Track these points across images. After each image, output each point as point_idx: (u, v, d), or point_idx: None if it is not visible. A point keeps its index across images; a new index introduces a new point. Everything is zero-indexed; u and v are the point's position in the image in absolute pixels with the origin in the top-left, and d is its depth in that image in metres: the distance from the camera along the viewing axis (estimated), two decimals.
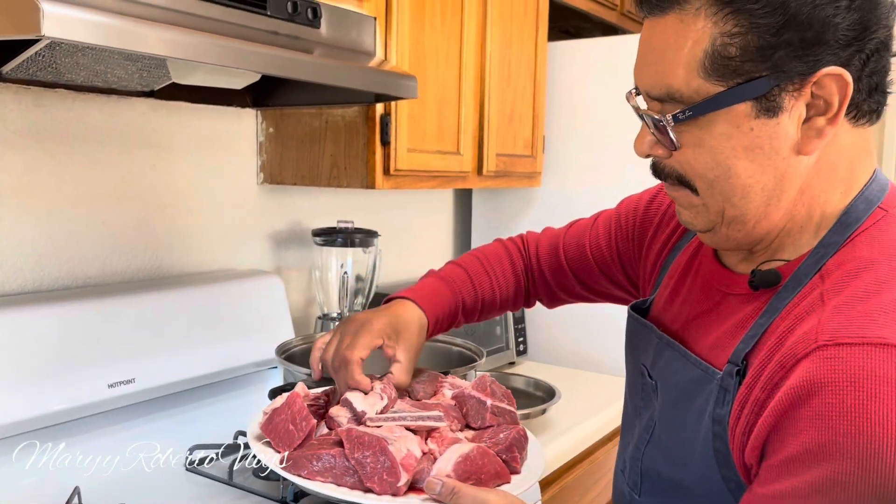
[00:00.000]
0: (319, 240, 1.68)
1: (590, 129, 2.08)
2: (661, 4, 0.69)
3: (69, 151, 1.34)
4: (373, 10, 1.46)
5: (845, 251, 0.68)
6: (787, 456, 0.63)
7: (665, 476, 0.80)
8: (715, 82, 0.67)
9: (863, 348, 0.60)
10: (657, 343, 0.85)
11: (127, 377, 1.29)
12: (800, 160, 0.69)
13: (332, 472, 0.82)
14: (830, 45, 0.64)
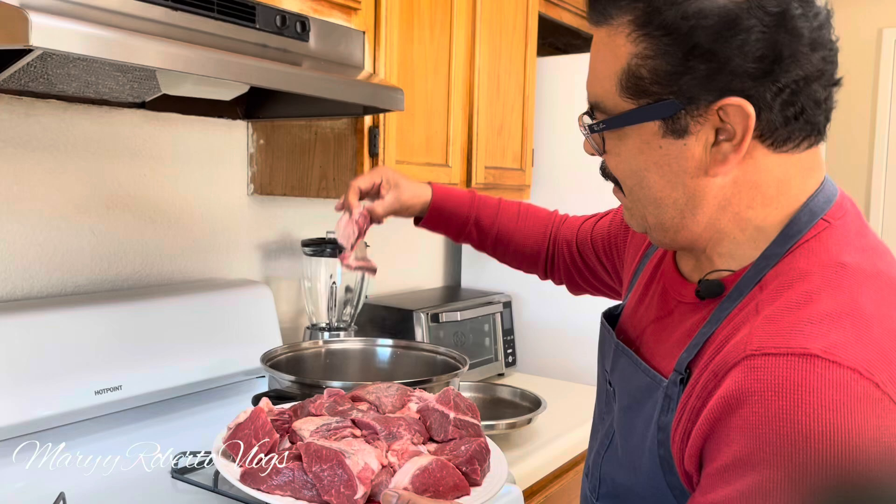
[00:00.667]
0: (309, 250, 1.70)
1: (578, 144, 2.10)
2: (597, 17, 0.73)
3: (60, 161, 1.35)
4: (361, 24, 1.48)
5: (784, 262, 0.69)
6: (721, 465, 0.64)
7: (619, 482, 0.82)
8: (628, 99, 0.70)
9: (787, 358, 0.61)
10: (615, 349, 0.87)
11: (114, 384, 1.30)
12: (711, 181, 0.70)
13: (291, 485, 0.83)
14: (737, 75, 0.65)
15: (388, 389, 1.01)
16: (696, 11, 0.65)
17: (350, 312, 1.78)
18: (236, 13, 1.21)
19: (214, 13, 1.18)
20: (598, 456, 0.86)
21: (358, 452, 0.83)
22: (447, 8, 1.71)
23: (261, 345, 1.59)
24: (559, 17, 2.20)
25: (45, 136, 1.33)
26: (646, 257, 0.93)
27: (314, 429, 0.91)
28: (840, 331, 0.61)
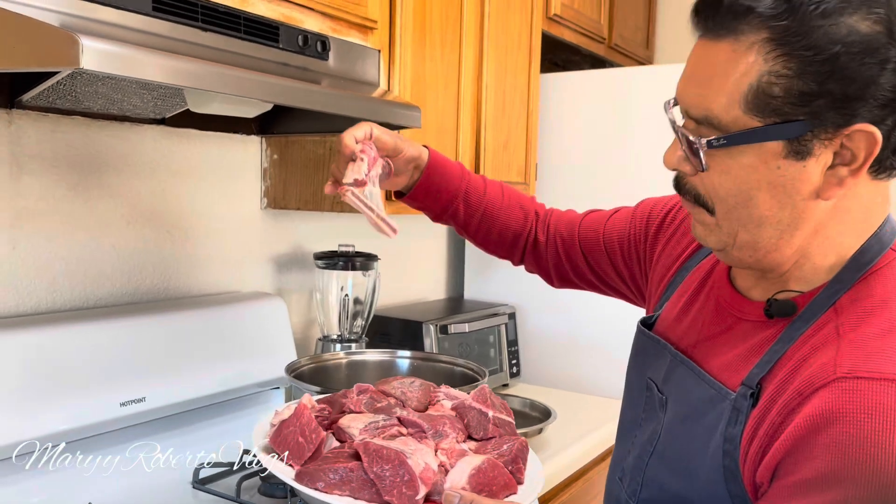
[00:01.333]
0: (322, 263, 1.73)
1: (579, 158, 2.16)
2: (717, 30, 0.71)
3: (83, 176, 1.38)
4: (377, 43, 1.52)
5: (858, 288, 0.72)
6: (801, 479, 0.66)
7: (667, 487, 0.83)
8: (753, 116, 0.69)
9: (880, 383, 0.64)
10: (671, 360, 0.88)
11: (138, 396, 1.32)
12: (818, 203, 0.72)
13: (350, 485, 0.83)
14: (869, 102, 0.66)
15: (411, 385, 1.02)
16: (841, 34, 0.65)
17: (361, 324, 1.80)
18: (262, 34, 1.25)
19: (241, 34, 1.22)
20: (641, 461, 0.88)
21: (416, 452, 0.84)
22: (457, 26, 1.76)
23: (276, 356, 1.62)
24: (561, 34, 2.25)
25: (70, 152, 1.35)
26: (684, 269, 0.94)
27: (363, 427, 0.91)
28: None
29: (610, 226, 1.11)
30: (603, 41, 2.50)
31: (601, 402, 1.96)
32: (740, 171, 0.72)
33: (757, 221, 0.73)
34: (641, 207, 1.08)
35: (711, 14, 0.71)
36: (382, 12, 1.52)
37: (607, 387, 2.08)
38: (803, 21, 0.66)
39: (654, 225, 1.04)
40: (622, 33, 2.60)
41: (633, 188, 2.06)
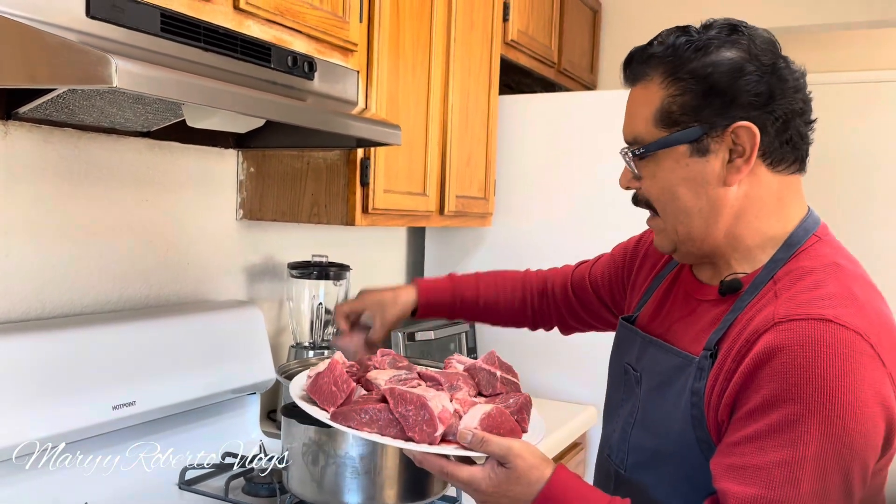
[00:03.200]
0: (296, 272, 1.79)
1: (533, 174, 2.29)
2: (634, 77, 0.97)
3: (73, 186, 1.41)
4: (356, 64, 1.61)
5: (791, 263, 0.91)
6: (752, 407, 0.82)
7: (648, 447, 0.98)
8: (662, 129, 0.93)
9: (808, 322, 0.81)
10: (640, 343, 1.06)
11: (129, 400, 1.36)
12: (727, 190, 0.92)
13: (378, 423, 0.97)
14: (743, 106, 0.88)
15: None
16: (713, 61, 0.89)
17: (331, 332, 1.87)
18: (256, 54, 1.32)
19: (238, 54, 1.29)
20: (625, 433, 1.03)
21: (435, 397, 0.97)
22: (426, 48, 1.86)
23: (253, 363, 1.67)
24: (517, 58, 2.38)
25: (61, 163, 1.39)
26: (658, 279, 1.13)
27: (387, 378, 1.05)
28: (843, 307, 0.82)
29: (594, 272, 1.32)
30: (553, 65, 2.65)
31: (553, 405, 2.09)
32: (662, 173, 0.94)
33: (685, 212, 0.94)
34: (616, 248, 1.31)
35: (629, 67, 0.97)
36: (362, 36, 1.61)
37: (559, 390, 2.21)
38: (683, 56, 0.91)
39: (628, 254, 1.25)
40: (570, 59, 2.76)
41: (580, 201, 2.21)
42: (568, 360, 2.18)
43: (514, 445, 0.91)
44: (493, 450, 0.91)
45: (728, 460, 0.84)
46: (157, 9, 1.14)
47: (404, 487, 1.26)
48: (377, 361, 1.15)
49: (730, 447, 0.84)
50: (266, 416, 1.85)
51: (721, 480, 0.84)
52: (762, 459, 0.80)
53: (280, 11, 1.37)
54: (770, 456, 0.80)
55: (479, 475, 0.92)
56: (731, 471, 0.83)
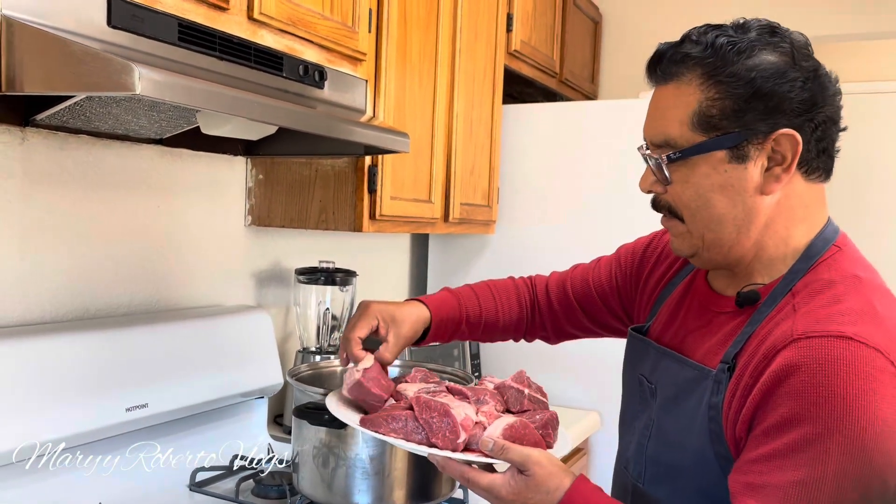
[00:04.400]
0: (303, 278, 1.82)
1: (535, 182, 2.32)
2: (665, 77, 0.92)
3: (87, 192, 1.44)
4: (364, 73, 1.64)
5: (810, 275, 0.89)
6: (769, 424, 0.81)
7: (664, 461, 0.97)
8: (700, 133, 0.89)
9: (828, 339, 0.80)
10: (654, 354, 1.04)
11: (142, 402, 1.38)
12: (763, 199, 0.89)
13: (405, 430, 1.01)
14: (787, 113, 0.86)
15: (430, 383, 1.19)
16: (757, 64, 0.86)
17: (337, 337, 1.89)
18: (268, 63, 1.35)
19: (252, 63, 1.32)
20: (642, 446, 1.02)
21: (459, 406, 1.01)
22: (432, 58, 1.89)
23: (261, 368, 1.69)
24: (519, 69, 2.42)
25: (76, 169, 1.41)
26: (670, 286, 1.11)
27: (416, 390, 1.09)
28: (863, 323, 0.81)
29: (596, 275, 1.26)
30: (555, 76, 2.68)
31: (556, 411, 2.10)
32: (697, 179, 0.90)
33: (717, 220, 0.91)
34: (622, 250, 1.25)
35: (659, 66, 0.93)
36: (371, 46, 1.64)
37: (561, 396, 2.23)
38: (724, 58, 0.87)
39: (637, 259, 1.20)
40: (572, 69, 2.80)
41: (582, 209, 2.24)
42: (570, 366, 2.20)
43: (533, 453, 0.92)
44: (513, 457, 0.93)
45: (746, 478, 0.83)
46: (175, 18, 1.17)
47: (413, 489, 1.28)
48: (410, 377, 1.18)
49: (748, 464, 0.84)
50: (273, 420, 1.87)
51: (739, 498, 0.84)
52: (780, 478, 0.80)
53: (292, 21, 1.40)
54: (788, 475, 0.79)
55: (499, 482, 0.93)
56: (749, 489, 0.82)
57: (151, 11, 1.13)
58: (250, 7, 1.31)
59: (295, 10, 1.40)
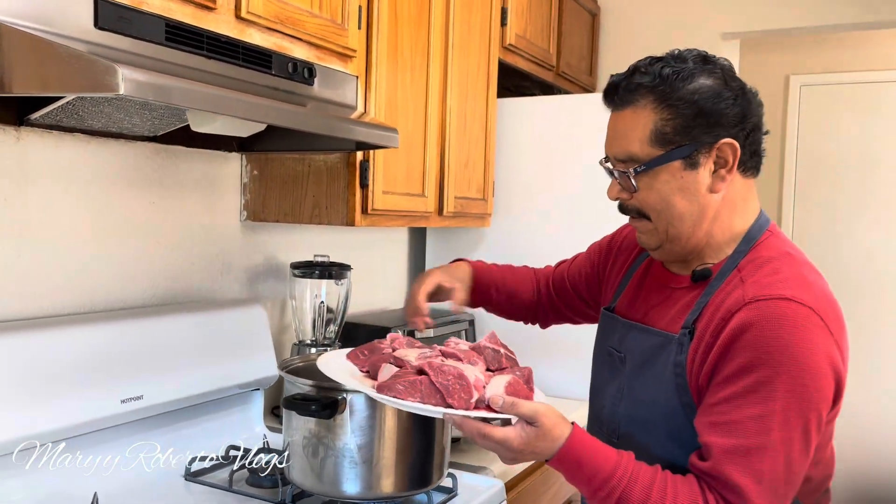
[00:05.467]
0: (299, 272, 1.84)
1: (532, 176, 2.34)
2: (622, 104, 1.09)
3: (83, 190, 1.47)
4: (355, 69, 1.66)
5: (751, 254, 1.08)
6: (728, 373, 0.98)
7: (637, 416, 1.14)
8: (658, 148, 1.06)
9: (773, 301, 0.98)
10: (622, 328, 1.21)
11: (136, 394, 1.42)
12: (712, 197, 1.08)
13: (420, 393, 1.08)
14: (725, 126, 1.05)
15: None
16: (697, 88, 1.04)
17: (334, 330, 1.92)
18: (257, 61, 1.37)
19: (240, 61, 1.34)
20: (615, 407, 1.18)
21: (468, 369, 1.10)
22: (424, 54, 1.91)
23: (257, 360, 1.72)
24: (515, 62, 2.43)
25: (72, 167, 1.44)
26: (630, 271, 1.28)
27: (417, 355, 1.17)
28: (798, 288, 0.99)
29: (572, 270, 1.47)
30: (552, 69, 2.69)
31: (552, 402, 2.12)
32: (659, 185, 1.08)
33: (678, 217, 1.08)
34: (593, 247, 1.44)
35: (616, 94, 1.09)
36: (361, 42, 1.66)
37: (555, 386, 2.25)
38: (672, 85, 1.05)
39: (603, 251, 1.40)
40: (569, 62, 2.81)
41: (579, 202, 2.25)
42: (566, 357, 2.22)
43: (540, 407, 1.04)
44: (523, 411, 1.03)
45: (710, 418, 0.99)
46: (161, 19, 1.19)
47: (401, 477, 1.30)
48: (398, 343, 1.26)
49: (710, 407, 1.00)
50: (270, 411, 1.90)
51: (705, 435, 0.99)
52: (739, 415, 0.96)
53: (280, 20, 1.42)
54: (745, 412, 0.96)
55: (512, 434, 1.03)
56: (713, 427, 0.99)
57: (138, 12, 1.16)
58: (238, 6, 1.33)
59: (283, 9, 1.43)
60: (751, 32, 2.90)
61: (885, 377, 3.73)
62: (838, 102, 3.82)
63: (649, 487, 0.99)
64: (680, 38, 2.95)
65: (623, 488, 1.00)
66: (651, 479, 1.00)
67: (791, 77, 3.90)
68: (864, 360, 3.74)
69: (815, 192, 3.87)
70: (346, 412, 1.25)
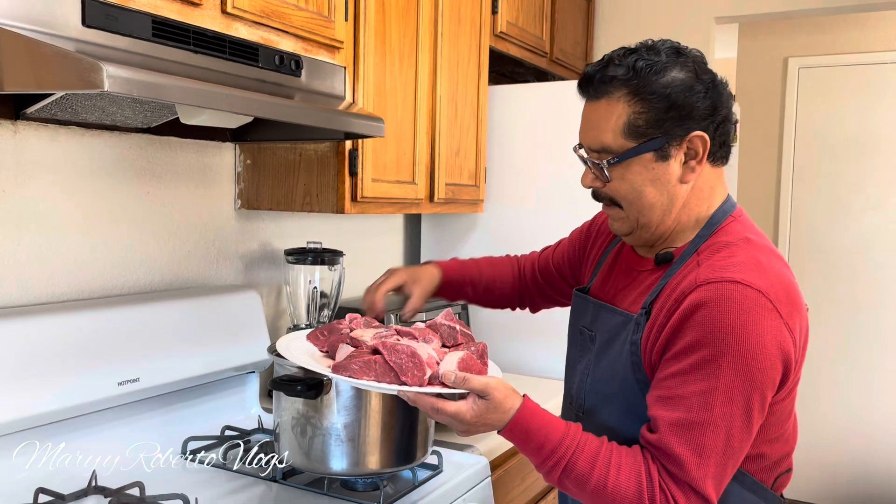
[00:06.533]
0: (292, 258, 1.89)
1: (524, 163, 2.37)
2: (596, 95, 1.12)
3: (79, 180, 1.52)
4: (343, 60, 1.70)
5: (711, 239, 1.11)
6: (677, 350, 1.03)
7: (600, 391, 1.19)
8: (631, 140, 1.09)
9: (723, 283, 1.01)
10: (593, 308, 1.26)
11: (133, 377, 1.48)
12: (682, 186, 1.12)
13: (375, 372, 1.12)
14: (696, 118, 1.08)
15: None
16: (670, 81, 1.07)
17: (327, 314, 1.98)
18: (244, 54, 1.42)
19: (227, 55, 1.39)
20: (583, 382, 1.24)
21: (421, 346, 1.15)
22: (413, 43, 1.95)
23: (251, 344, 1.78)
24: (507, 49, 2.46)
25: (67, 159, 1.50)
26: (604, 256, 1.34)
27: (372, 335, 1.21)
28: (750, 272, 1.02)
29: (556, 255, 1.52)
30: (545, 55, 2.72)
31: (542, 383, 2.18)
32: (632, 176, 1.11)
33: (649, 206, 1.12)
34: (574, 233, 1.51)
35: (591, 86, 1.12)
36: (348, 34, 1.70)
37: (546, 367, 2.31)
38: (645, 78, 1.07)
39: (583, 235, 1.46)
40: (563, 48, 2.83)
41: (570, 187, 2.28)
42: (552, 339, 2.26)
43: (491, 381, 1.08)
44: (475, 385, 1.07)
45: (657, 392, 1.04)
46: (148, 16, 1.24)
47: (386, 454, 1.36)
48: (355, 323, 1.31)
49: (659, 382, 1.05)
50: (266, 393, 1.96)
51: (653, 408, 1.04)
52: (684, 390, 1.01)
53: (266, 14, 1.46)
54: (690, 387, 1.00)
55: (464, 407, 1.07)
56: (660, 400, 1.03)
57: (124, 10, 1.20)
58: (223, 2, 1.38)
59: (268, 3, 1.47)
60: (745, 16, 2.91)
61: (885, 358, 3.75)
62: (837, 85, 3.82)
63: (594, 457, 1.03)
64: (675, 22, 2.97)
65: (569, 458, 1.03)
66: (597, 450, 1.04)
67: (790, 60, 3.90)
68: (863, 342, 3.77)
69: (813, 174, 3.88)
70: (332, 392, 1.30)
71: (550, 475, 1.06)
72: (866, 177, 3.78)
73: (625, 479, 1.01)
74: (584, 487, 1.04)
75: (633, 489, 1.01)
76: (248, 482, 1.42)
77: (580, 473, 1.03)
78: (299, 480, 1.43)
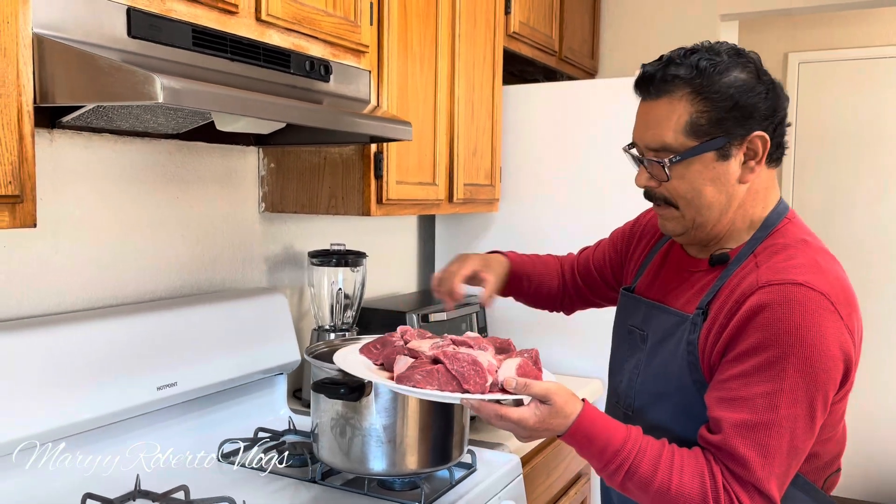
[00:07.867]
0: (316, 260, 1.91)
1: (537, 161, 2.40)
2: (656, 94, 1.12)
3: (112, 186, 1.53)
4: (367, 64, 1.72)
5: (768, 241, 1.12)
6: (740, 351, 1.04)
7: (652, 390, 1.20)
8: (692, 139, 1.10)
9: (786, 286, 1.03)
10: (645, 307, 1.27)
11: (171, 381, 1.49)
12: (740, 187, 1.13)
13: (438, 381, 1.13)
14: (757, 119, 1.09)
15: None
16: (732, 81, 1.08)
17: (351, 315, 2.00)
18: (277, 61, 1.43)
19: (261, 62, 1.40)
20: (632, 381, 1.24)
21: (481, 354, 1.17)
22: (433, 45, 1.97)
23: (280, 346, 1.80)
24: (519, 49, 2.48)
25: (100, 166, 1.51)
26: (651, 254, 1.34)
27: (430, 345, 1.23)
28: (811, 274, 1.04)
29: (597, 256, 1.52)
30: (554, 54, 2.74)
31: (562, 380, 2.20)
32: (692, 175, 1.12)
33: (707, 206, 1.13)
34: (615, 233, 1.50)
35: (651, 84, 1.12)
36: (373, 38, 1.72)
37: (566, 364, 2.34)
38: (709, 78, 1.08)
39: (625, 236, 1.46)
40: (571, 46, 2.85)
41: (583, 185, 2.32)
42: (573, 337, 2.30)
43: (551, 386, 1.09)
44: (536, 391, 1.08)
45: (720, 394, 1.05)
46: (189, 25, 1.25)
47: (424, 454, 1.38)
48: (409, 335, 1.32)
49: (721, 383, 1.05)
50: (293, 394, 1.98)
51: (715, 410, 1.05)
52: (748, 392, 1.02)
53: (297, 20, 1.48)
54: (754, 389, 1.02)
55: (527, 413, 1.08)
56: (722, 402, 1.04)
57: (167, 20, 1.21)
58: (258, 9, 1.39)
59: (300, 10, 1.48)
60: (750, 13, 2.94)
61: (889, 353, 3.81)
62: (837, 79, 3.86)
63: (657, 459, 1.05)
64: (680, 19, 2.99)
65: (632, 461, 1.05)
66: (659, 452, 1.06)
67: (790, 55, 3.94)
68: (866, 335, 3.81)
69: (813, 168, 3.93)
70: (372, 395, 1.33)
71: (613, 478, 1.07)
72: (866, 171, 3.82)
73: (688, 481, 1.03)
74: (647, 490, 1.05)
75: (696, 490, 1.02)
76: (287, 483, 1.44)
77: (643, 476, 1.04)
78: (336, 481, 1.45)
